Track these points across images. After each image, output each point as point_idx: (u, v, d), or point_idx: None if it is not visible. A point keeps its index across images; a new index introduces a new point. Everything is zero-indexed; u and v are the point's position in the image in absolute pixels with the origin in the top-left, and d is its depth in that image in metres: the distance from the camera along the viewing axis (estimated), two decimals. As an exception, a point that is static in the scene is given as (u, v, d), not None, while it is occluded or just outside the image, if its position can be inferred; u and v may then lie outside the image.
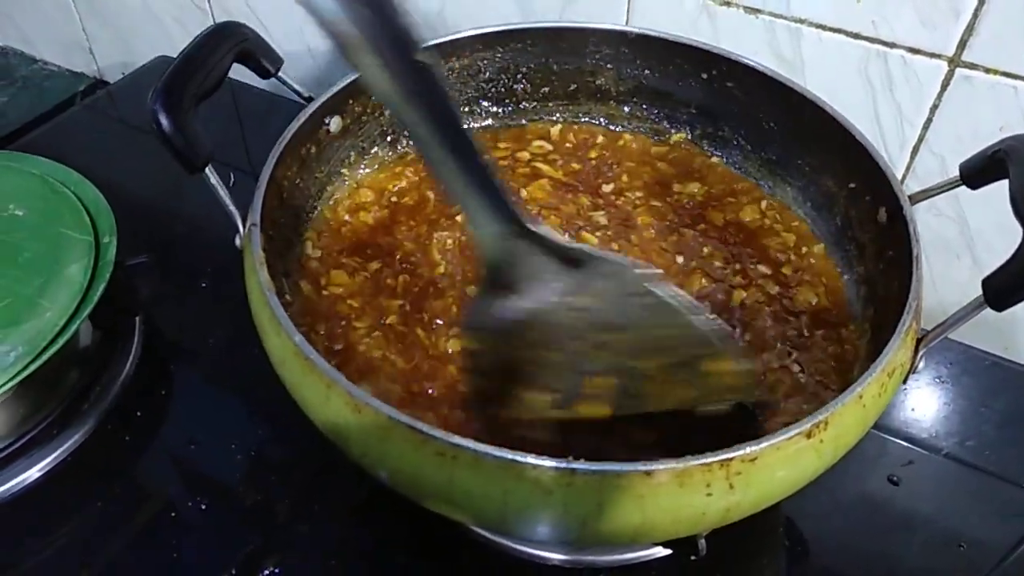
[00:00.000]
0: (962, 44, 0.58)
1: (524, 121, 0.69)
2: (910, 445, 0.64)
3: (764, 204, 0.63)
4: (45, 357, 0.56)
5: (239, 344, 0.69)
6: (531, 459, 0.38)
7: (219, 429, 0.64)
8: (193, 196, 0.82)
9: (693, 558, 0.49)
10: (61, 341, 0.57)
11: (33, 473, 0.60)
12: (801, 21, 0.63)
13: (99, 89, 1.08)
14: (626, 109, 0.68)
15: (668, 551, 0.56)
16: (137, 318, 0.69)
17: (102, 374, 0.66)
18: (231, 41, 0.52)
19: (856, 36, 0.62)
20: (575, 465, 0.38)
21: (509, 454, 0.38)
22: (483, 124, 0.69)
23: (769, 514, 0.55)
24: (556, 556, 0.56)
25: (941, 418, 0.66)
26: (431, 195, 0.63)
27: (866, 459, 0.63)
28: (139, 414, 0.64)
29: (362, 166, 0.64)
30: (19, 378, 0.55)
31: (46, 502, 0.59)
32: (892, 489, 0.61)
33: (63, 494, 0.60)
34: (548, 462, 0.38)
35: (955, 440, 0.64)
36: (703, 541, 0.49)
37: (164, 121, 0.46)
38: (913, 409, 0.67)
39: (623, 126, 0.69)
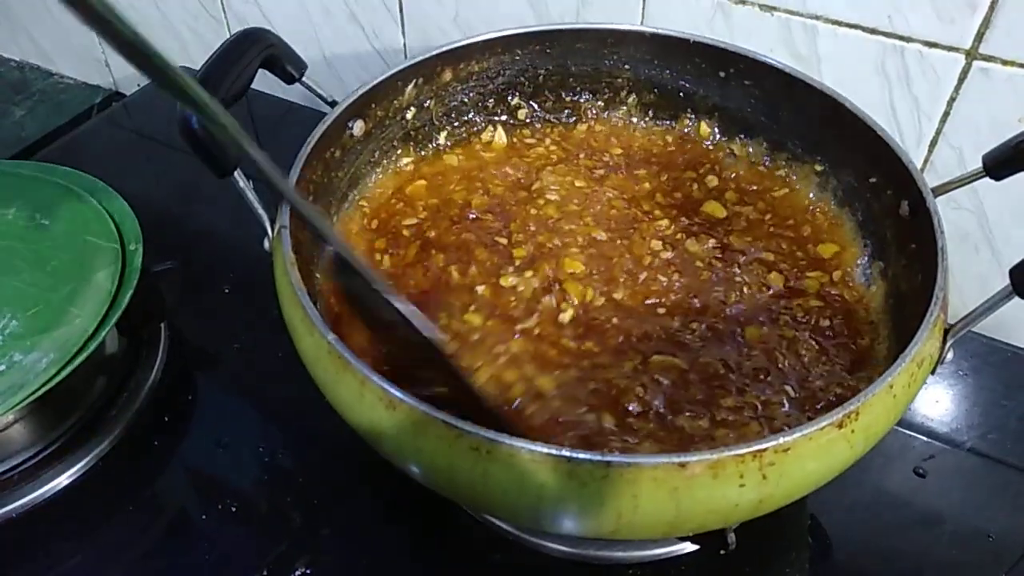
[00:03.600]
0: (979, 37, 0.58)
1: (541, 123, 0.70)
2: (930, 440, 0.64)
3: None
4: (76, 363, 0.57)
5: (264, 348, 0.69)
6: (566, 452, 0.38)
7: (246, 432, 0.65)
8: (211, 205, 0.83)
9: (723, 552, 0.50)
10: (92, 347, 0.58)
11: (62, 480, 0.61)
12: (817, 17, 0.63)
13: (115, 101, 1.09)
14: (644, 109, 0.69)
15: (695, 547, 0.57)
16: (162, 324, 0.70)
17: (129, 380, 0.66)
18: (258, 47, 0.52)
19: (872, 31, 0.62)
20: (610, 458, 0.38)
21: (544, 447, 0.38)
22: (503, 123, 0.70)
23: (794, 510, 0.55)
24: (584, 553, 0.56)
25: (962, 412, 0.66)
26: (454, 196, 0.64)
27: (887, 454, 0.63)
28: (166, 419, 0.65)
29: (383, 169, 0.64)
30: (51, 384, 0.56)
31: (76, 508, 0.60)
32: (914, 484, 0.61)
33: (93, 500, 0.60)
34: (584, 455, 0.38)
35: (976, 434, 0.65)
36: (733, 535, 0.49)
37: (194, 125, 0.46)
38: (936, 402, 0.67)
39: (641, 126, 0.69)
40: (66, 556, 0.57)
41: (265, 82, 0.56)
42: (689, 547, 0.57)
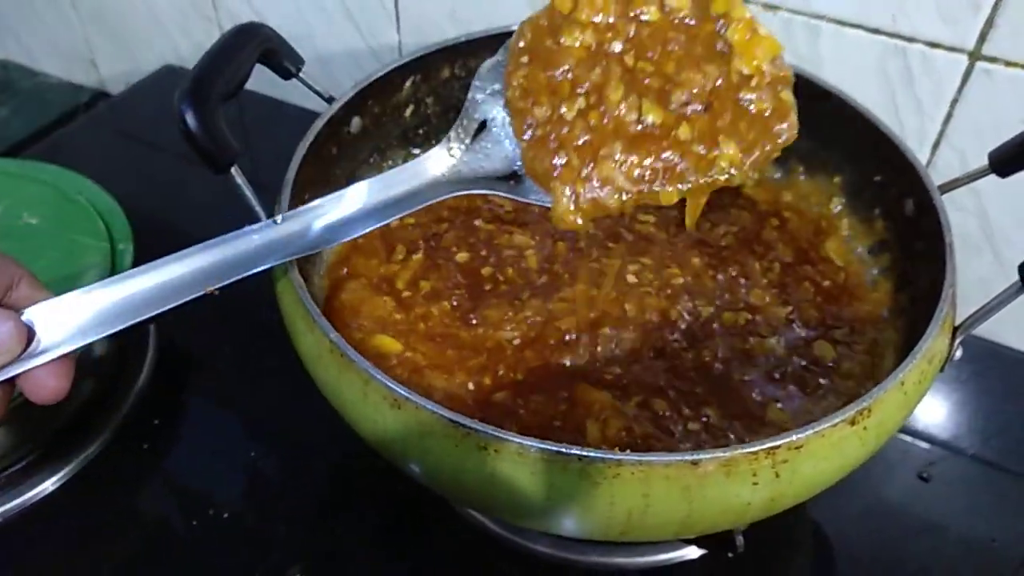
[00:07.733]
0: (982, 38, 0.58)
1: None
2: (932, 446, 0.64)
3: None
4: (65, 364, 0.55)
5: (254, 351, 0.68)
6: (576, 450, 0.37)
7: (236, 438, 0.64)
8: (198, 206, 0.82)
9: (731, 555, 0.49)
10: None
11: (48, 486, 0.59)
12: (820, 17, 0.63)
13: (101, 101, 1.08)
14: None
15: (700, 552, 0.56)
16: (151, 327, 0.69)
17: (117, 383, 0.65)
18: (255, 41, 0.51)
19: (875, 31, 0.62)
20: (621, 456, 0.37)
21: (554, 446, 0.38)
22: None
23: (796, 517, 0.55)
24: (586, 559, 0.56)
25: (964, 417, 0.66)
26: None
27: (890, 460, 0.62)
28: (156, 422, 0.64)
29: (382, 168, 0.63)
30: (39, 385, 0.54)
31: (62, 515, 0.58)
32: (917, 491, 0.61)
33: (79, 506, 0.59)
34: (594, 453, 0.37)
35: (978, 439, 0.64)
36: (740, 537, 0.49)
37: (191, 120, 0.44)
38: (938, 407, 0.66)
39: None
40: (52, 564, 0.56)
41: (254, 80, 0.55)
42: (692, 553, 0.56)
